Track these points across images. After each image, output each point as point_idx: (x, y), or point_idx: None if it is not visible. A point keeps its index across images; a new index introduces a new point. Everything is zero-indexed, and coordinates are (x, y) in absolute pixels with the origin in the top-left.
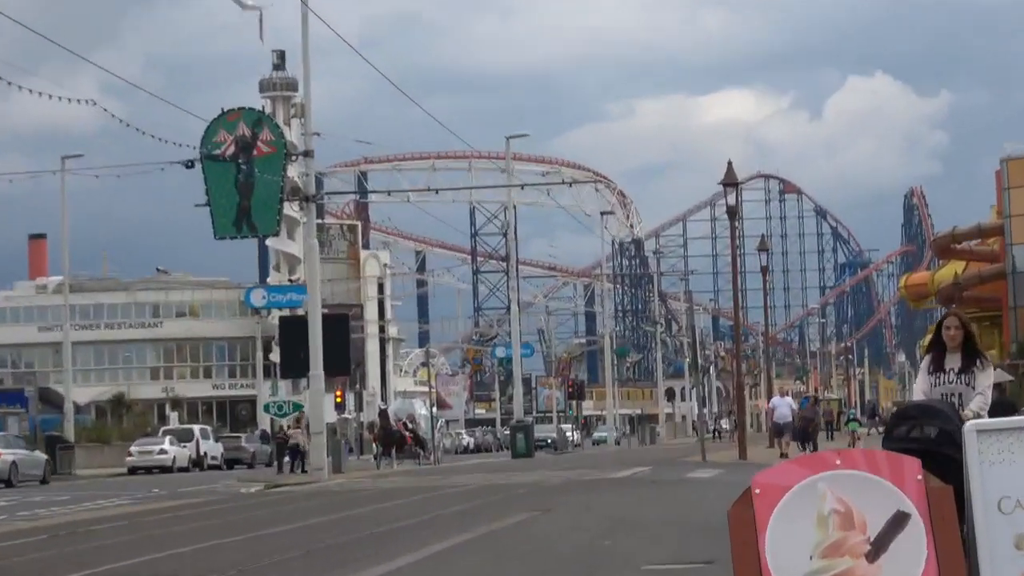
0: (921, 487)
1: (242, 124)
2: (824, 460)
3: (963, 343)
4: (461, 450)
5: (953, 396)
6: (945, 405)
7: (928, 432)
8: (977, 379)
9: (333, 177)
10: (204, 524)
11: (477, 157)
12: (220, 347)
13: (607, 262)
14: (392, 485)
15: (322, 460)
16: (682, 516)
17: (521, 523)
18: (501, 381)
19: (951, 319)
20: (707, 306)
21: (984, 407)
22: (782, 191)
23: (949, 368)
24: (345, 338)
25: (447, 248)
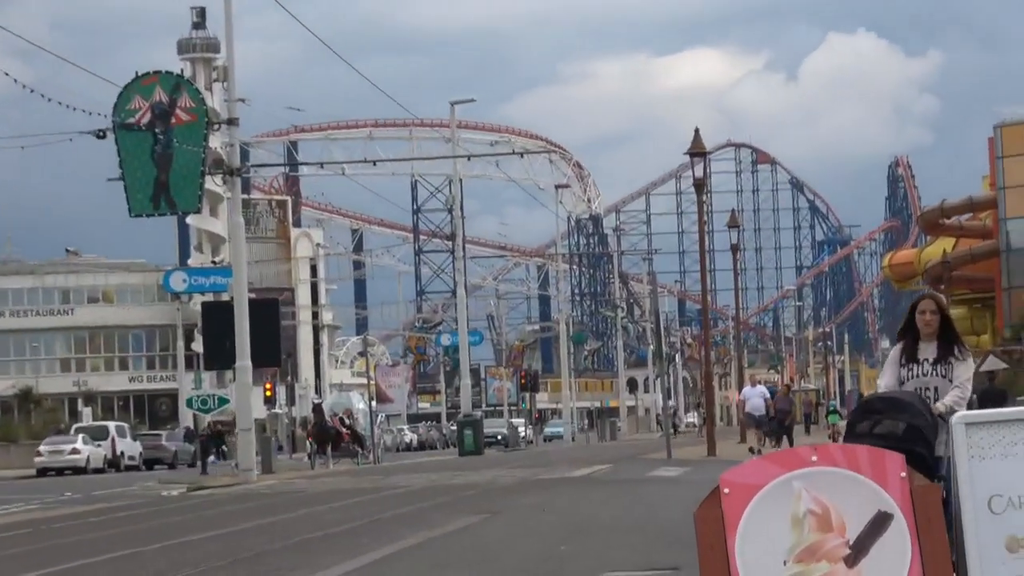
0: (905, 485)
1: (159, 89)
2: (799, 456)
3: (939, 330)
4: (403, 447)
5: (928, 390)
6: (914, 398)
7: (895, 428)
8: (955, 370)
9: (260, 148)
10: (121, 531)
11: (419, 125)
12: (137, 336)
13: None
14: (327, 487)
15: (250, 460)
16: (645, 518)
17: (468, 528)
18: (447, 372)
19: (926, 303)
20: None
21: (962, 401)
22: (754, 161)
23: (923, 358)
24: (275, 325)
25: (386, 226)
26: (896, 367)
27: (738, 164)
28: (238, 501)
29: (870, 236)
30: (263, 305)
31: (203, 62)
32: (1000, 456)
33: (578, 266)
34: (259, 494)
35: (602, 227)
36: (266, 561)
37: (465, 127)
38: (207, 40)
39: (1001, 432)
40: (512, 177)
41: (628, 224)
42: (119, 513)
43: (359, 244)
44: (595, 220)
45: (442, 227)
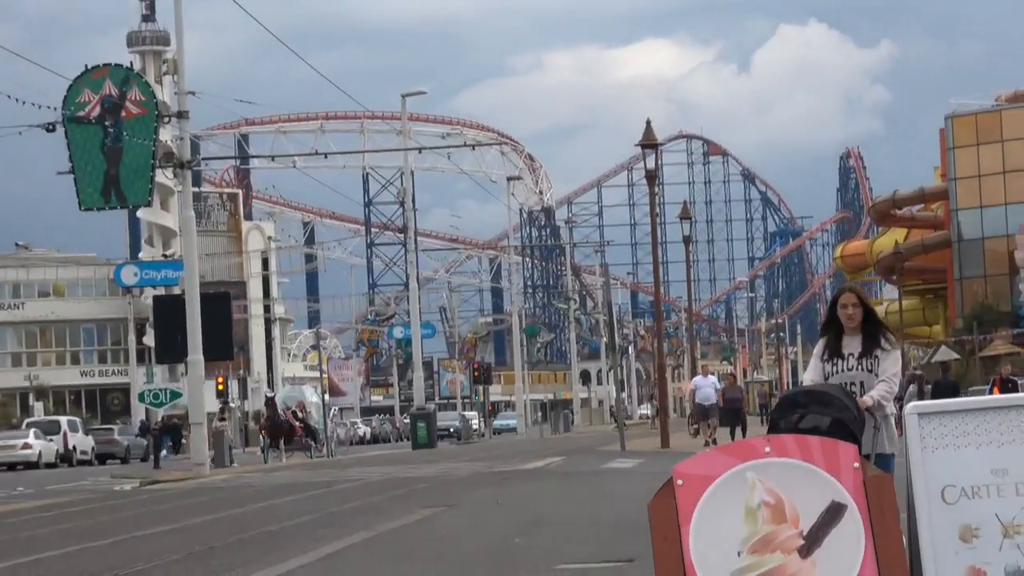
0: (858, 476)
1: (108, 83)
2: (752, 447)
3: (863, 323)
4: (356, 441)
5: (853, 385)
6: (839, 391)
7: (820, 422)
8: (881, 364)
9: (211, 141)
10: (73, 525)
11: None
12: (88, 330)
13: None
14: (281, 480)
15: (203, 454)
16: (599, 510)
17: (423, 520)
18: (400, 365)
19: (847, 296)
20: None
21: (889, 395)
22: (706, 153)
23: (847, 353)
24: (227, 319)
25: (338, 219)
26: (820, 362)
27: (690, 156)
28: (191, 495)
29: (822, 227)
30: (214, 299)
31: (153, 55)
32: (953, 447)
33: (530, 258)
34: (212, 488)
35: (554, 219)
36: (220, 555)
37: (416, 120)
38: (157, 33)
39: (953, 423)
40: (464, 169)
41: (580, 216)
42: (71, 508)
43: (311, 237)
44: (547, 212)
45: (394, 220)
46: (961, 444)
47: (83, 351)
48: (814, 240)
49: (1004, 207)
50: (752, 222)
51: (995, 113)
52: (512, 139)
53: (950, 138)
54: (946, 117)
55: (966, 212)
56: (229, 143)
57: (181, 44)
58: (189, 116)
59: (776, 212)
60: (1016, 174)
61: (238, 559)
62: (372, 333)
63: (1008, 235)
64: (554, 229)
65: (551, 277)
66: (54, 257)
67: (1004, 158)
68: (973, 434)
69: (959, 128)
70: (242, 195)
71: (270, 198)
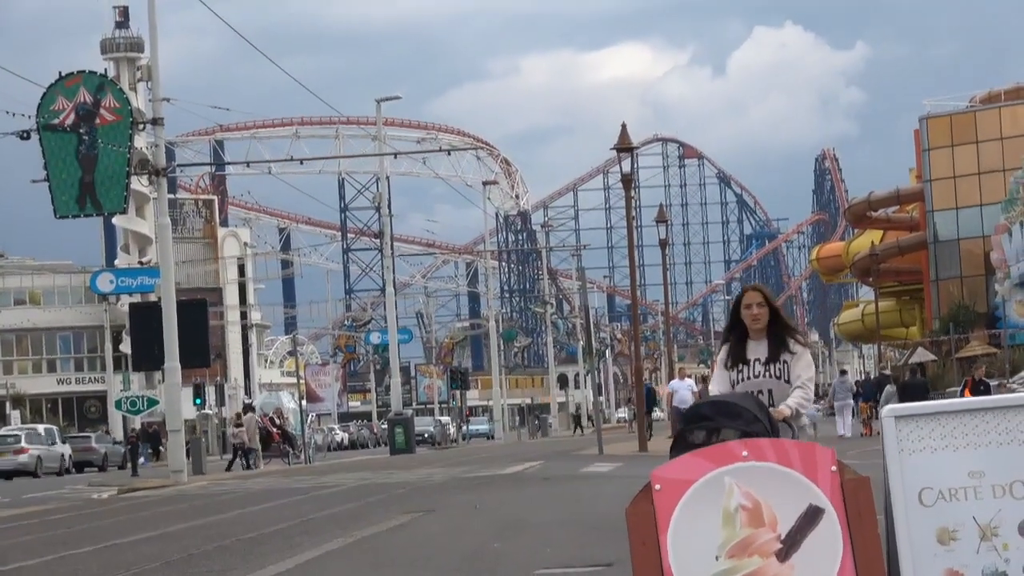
0: (836, 479)
1: (83, 90)
2: (729, 452)
3: (769, 324)
4: (334, 447)
5: (761, 393)
6: (750, 401)
7: (728, 436)
8: (792, 369)
9: (186, 147)
10: (51, 534)
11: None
12: (65, 338)
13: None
14: (259, 487)
15: (181, 461)
16: (577, 515)
17: (402, 526)
18: (377, 370)
19: (751, 295)
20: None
21: (806, 403)
22: (681, 156)
23: (753, 358)
24: (203, 326)
25: (314, 224)
26: (724, 370)
27: (665, 159)
28: (169, 503)
29: (798, 229)
30: (191, 305)
31: (127, 61)
32: (930, 449)
33: (507, 263)
34: (190, 495)
35: (530, 223)
36: (199, 562)
37: (391, 124)
38: (131, 39)
39: (930, 425)
40: (440, 174)
41: (556, 220)
42: (49, 516)
43: (287, 243)
44: (523, 216)
45: (370, 225)
46: (938, 447)
47: (59, 359)
48: (790, 242)
49: (979, 208)
50: (728, 225)
51: (969, 114)
52: (488, 143)
53: (925, 139)
54: (920, 118)
55: (941, 213)
56: (204, 149)
57: (155, 51)
58: (164, 123)
59: (752, 214)
60: (991, 175)
61: (216, 566)
62: (349, 339)
63: (984, 236)
64: (530, 233)
65: (528, 281)
66: (29, 265)
67: (979, 159)
68: (950, 437)
69: (933, 129)
70: (218, 201)
71: (246, 204)
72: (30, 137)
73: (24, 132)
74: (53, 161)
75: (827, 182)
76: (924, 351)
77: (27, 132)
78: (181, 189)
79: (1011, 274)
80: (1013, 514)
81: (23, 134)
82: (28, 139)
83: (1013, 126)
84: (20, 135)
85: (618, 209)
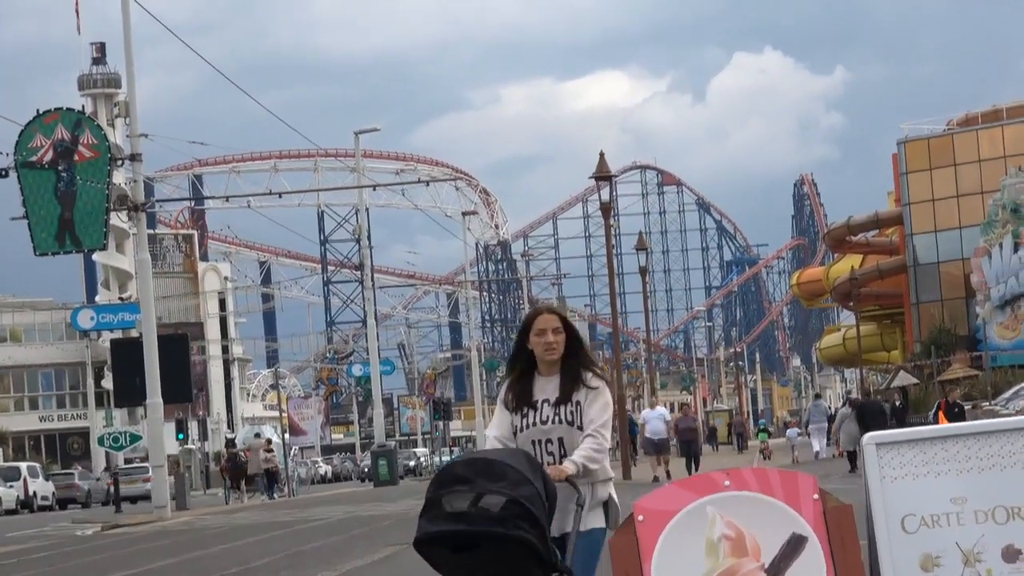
0: (818, 507)
1: (60, 127)
2: (712, 481)
3: (564, 356)
4: (318, 480)
5: (550, 444)
6: (518, 458)
7: (491, 503)
8: (587, 411)
9: (164, 183)
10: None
11: (323, 155)
12: (46, 375)
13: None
14: (244, 521)
15: (164, 497)
16: None
17: (387, 558)
18: (359, 402)
19: (546, 318)
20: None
21: (597, 456)
22: (660, 183)
23: (541, 399)
24: (185, 361)
25: (294, 257)
26: (505, 413)
27: (644, 186)
28: (153, 539)
29: (777, 255)
30: (172, 340)
31: (104, 97)
32: (911, 476)
33: (488, 292)
34: (174, 531)
35: (510, 253)
36: None
37: (370, 156)
38: (108, 75)
39: (912, 452)
40: (419, 205)
41: (536, 249)
42: (33, 555)
43: (267, 276)
44: (503, 246)
45: (350, 257)
46: (920, 473)
47: (41, 396)
48: (770, 268)
49: (959, 231)
50: (708, 251)
51: (946, 137)
52: (467, 174)
53: (903, 163)
54: (898, 142)
55: (921, 236)
56: (183, 184)
57: (132, 86)
58: (142, 158)
59: (732, 240)
60: (969, 197)
61: None
62: (331, 371)
63: (963, 259)
64: (511, 263)
65: (509, 311)
66: (10, 303)
67: (957, 182)
68: (932, 463)
69: (911, 153)
70: (197, 236)
71: (225, 238)
72: (8, 175)
73: (2, 170)
74: (32, 198)
75: (806, 207)
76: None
77: (5, 170)
78: (160, 224)
79: (991, 296)
80: (996, 539)
81: (1, 172)
82: (6, 177)
83: (991, 148)
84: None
85: (598, 237)
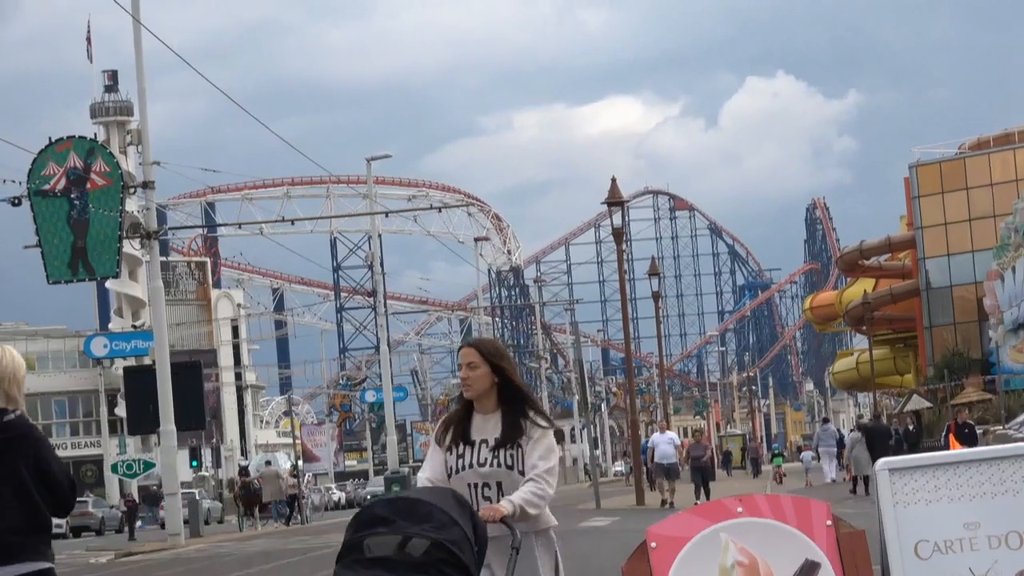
0: (831, 533)
1: (73, 155)
2: (724, 508)
3: (499, 395)
4: (331, 506)
5: (488, 486)
6: (444, 498)
7: (416, 548)
8: (529, 455)
9: (177, 210)
10: None
11: (335, 182)
12: (60, 403)
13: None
14: (256, 548)
15: (178, 524)
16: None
17: None
18: (373, 428)
19: (464, 352)
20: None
21: (538, 500)
22: (672, 208)
23: (479, 439)
24: (198, 388)
25: (307, 284)
26: (439, 451)
27: (656, 211)
28: (167, 566)
29: (790, 279)
30: (185, 368)
31: (117, 125)
32: (924, 502)
33: (500, 318)
34: (188, 559)
35: (523, 278)
36: None
37: (383, 183)
38: (120, 103)
39: (924, 478)
40: (431, 231)
41: (549, 275)
42: None
43: (280, 303)
44: (516, 272)
45: (363, 283)
46: (932, 499)
47: (55, 424)
48: (783, 292)
49: (971, 254)
50: (720, 276)
51: (958, 161)
52: (479, 199)
53: (915, 187)
54: (910, 166)
55: (933, 260)
56: (195, 211)
57: (145, 114)
58: (154, 186)
59: (744, 265)
60: (981, 221)
61: None
62: (344, 397)
63: (976, 282)
64: (523, 288)
65: (522, 336)
66: (23, 331)
67: (969, 205)
68: (944, 488)
69: (923, 177)
70: (210, 263)
71: (238, 265)
72: (21, 203)
73: (15, 198)
74: (45, 226)
75: (818, 231)
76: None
77: (18, 198)
78: (173, 252)
79: (1004, 320)
80: (1009, 565)
81: (14, 200)
82: (19, 205)
83: (1003, 172)
84: (11, 201)
85: (610, 262)
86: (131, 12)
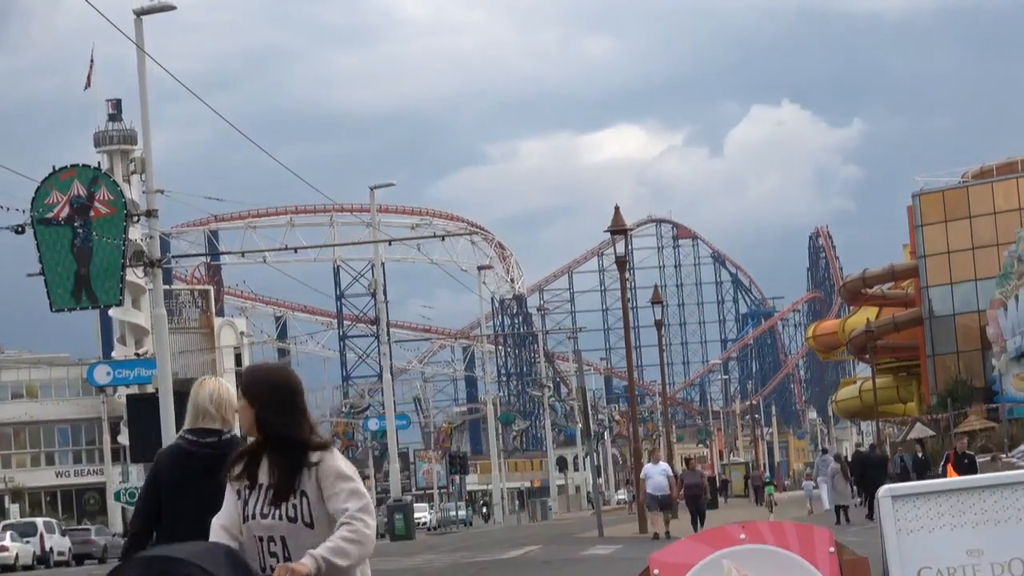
0: (834, 560)
1: (77, 183)
2: (727, 534)
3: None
4: None
5: (273, 541)
6: (214, 556)
7: None
8: (330, 498)
9: (180, 238)
10: None
11: (339, 211)
12: (63, 431)
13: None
14: None
15: None
16: None
17: None
18: (375, 456)
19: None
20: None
21: (350, 548)
22: (675, 236)
23: (265, 483)
24: None
25: (310, 312)
26: (234, 497)
27: (659, 240)
28: None
29: (793, 307)
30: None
31: (120, 154)
32: (927, 529)
33: (503, 346)
34: None
35: (526, 307)
36: None
37: (386, 211)
38: (124, 132)
39: (927, 505)
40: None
41: (552, 303)
42: None
43: (283, 331)
44: (519, 300)
45: (366, 311)
46: (935, 526)
47: (58, 452)
48: (786, 320)
49: (974, 283)
50: (723, 304)
51: (962, 189)
52: (482, 228)
53: (918, 215)
54: (914, 195)
55: (936, 289)
56: (199, 240)
57: (148, 143)
58: (158, 214)
59: (747, 293)
60: (984, 250)
61: None
62: (347, 425)
63: (979, 311)
64: (526, 316)
65: (525, 364)
66: (26, 358)
67: (972, 234)
68: (947, 515)
69: (927, 205)
70: (213, 291)
71: (241, 293)
72: (24, 231)
73: (19, 226)
74: (48, 254)
75: (821, 260)
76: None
77: (22, 226)
78: (176, 280)
79: (1007, 348)
80: None
81: (18, 228)
82: (23, 233)
83: (1006, 201)
84: (15, 229)
85: (613, 291)
86: (135, 40)
